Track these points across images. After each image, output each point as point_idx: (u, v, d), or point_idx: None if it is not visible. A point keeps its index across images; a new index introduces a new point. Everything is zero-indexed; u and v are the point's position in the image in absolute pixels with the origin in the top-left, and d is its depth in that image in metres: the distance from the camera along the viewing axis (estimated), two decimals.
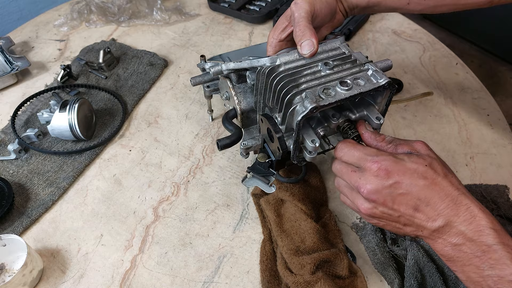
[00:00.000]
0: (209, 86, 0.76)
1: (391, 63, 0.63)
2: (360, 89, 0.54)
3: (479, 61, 2.54)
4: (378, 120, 0.59)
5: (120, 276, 0.73)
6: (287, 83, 0.58)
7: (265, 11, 1.31)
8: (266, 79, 0.61)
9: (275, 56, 0.63)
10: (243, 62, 0.65)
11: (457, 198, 0.44)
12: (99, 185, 0.87)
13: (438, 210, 0.45)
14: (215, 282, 0.72)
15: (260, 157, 0.68)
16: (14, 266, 0.73)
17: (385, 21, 1.33)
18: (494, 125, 0.99)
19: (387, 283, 0.71)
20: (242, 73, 0.69)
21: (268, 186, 0.67)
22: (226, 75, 0.70)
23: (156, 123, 1.00)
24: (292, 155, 0.60)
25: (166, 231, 0.79)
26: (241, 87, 0.70)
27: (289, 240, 0.73)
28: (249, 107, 0.70)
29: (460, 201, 0.44)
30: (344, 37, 0.65)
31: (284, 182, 0.79)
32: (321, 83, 0.56)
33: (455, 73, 1.14)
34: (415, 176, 0.46)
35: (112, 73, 1.12)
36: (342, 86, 0.54)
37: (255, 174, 0.67)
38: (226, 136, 0.68)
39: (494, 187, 0.81)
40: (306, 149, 0.59)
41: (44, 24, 1.32)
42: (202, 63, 0.70)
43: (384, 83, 0.55)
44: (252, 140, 0.71)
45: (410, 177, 0.46)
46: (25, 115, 0.99)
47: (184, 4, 1.40)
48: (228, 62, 0.67)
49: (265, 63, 0.63)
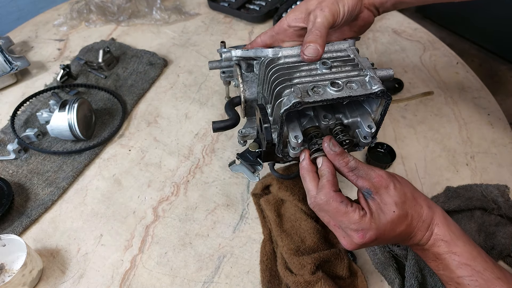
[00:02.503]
0: (225, 72, 0.77)
1: (393, 73, 0.62)
2: (350, 93, 0.54)
3: (480, 60, 2.54)
4: (370, 129, 0.58)
5: (120, 276, 0.73)
6: (281, 75, 0.58)
7: (265, 10, 1.31)
8: (265, 69, 0.62)
9: (279, 48, 0.63)
10: (249, 51, 0.66)
11: (428, 222, 0.53)
12: (98, 185, 0.87)
13: (415, 239, 0.54)
14: (215, 282, 0.72)
15: (252, 146, 0.68)
16: (14, 266, 0.73)
17: (385, 20, 1.33)
18: (494, 125, 0.99)
19: (387, 283, 0.71)
20: (251, 62, 0.70)
21: (253, 175, 0.68)
22: (237, 63, 0.70)
23: (156, 122, 1.00)
24: (277, 148, 0.60)
25: (166, 231, 0.79)
26: (249, 76, 0.71)
27: (289, 240, 0.73)
28: (252, 97, 0.70)
29: (430, 222, 0.53)
30: (354, 41, 0.64)
31: (278, 177, 0.78)
32: (314, 81, 0.56)
33: (456, 73, 1.14)
34: (394, 227, 0.52)
35: (111, 73, 1.12)
36: (332, 87, 0.54)
37: (243, 161, 0.68)
38: (222, 120, 0.69)
39: (494, 186, 0.81)
40: (290, 145, 0.59)
41: (43, 24, 1.32)
42: (221, 49, 0.71)
43: (377, 90, 0.53)
44: (250, 129, 0.72)
45: (390, 231, 0.52)
46: (25, 115, 0.99)
47: (184, 4, 1.40)
48: (237, 50, 0.68)
49: (268, 54, 0.63)
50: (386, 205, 0.52)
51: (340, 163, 0.55)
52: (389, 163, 0.89)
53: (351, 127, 0.60)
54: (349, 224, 0.51)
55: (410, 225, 0.53)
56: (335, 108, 0.61)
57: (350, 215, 0.51)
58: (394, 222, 0.51)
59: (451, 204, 0.79)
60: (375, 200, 0.52)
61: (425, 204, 0.54)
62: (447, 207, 0.79)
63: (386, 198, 0.52)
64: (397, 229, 0.52)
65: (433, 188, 0.86)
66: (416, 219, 0.53)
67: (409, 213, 0.52)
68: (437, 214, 0.54)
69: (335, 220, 0.53)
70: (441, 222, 0.53)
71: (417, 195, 0.54)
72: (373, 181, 0.53)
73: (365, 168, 0.54)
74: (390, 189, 0.52)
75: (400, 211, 0.52)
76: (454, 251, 0.52)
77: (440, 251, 0.52)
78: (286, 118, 0.55)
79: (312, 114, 0.60)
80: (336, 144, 0.55)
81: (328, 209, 0.52)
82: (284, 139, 0.59)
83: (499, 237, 0.75)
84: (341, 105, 0.61)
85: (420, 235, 0.53)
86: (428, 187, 0.86)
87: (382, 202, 0.52)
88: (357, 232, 0.51)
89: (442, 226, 0.53)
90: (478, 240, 0.75)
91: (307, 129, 0.59)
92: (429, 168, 0.90)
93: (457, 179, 0.88)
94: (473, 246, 0.52)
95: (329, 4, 0.62)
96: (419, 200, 0.54)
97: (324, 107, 0.60)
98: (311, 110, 0.60)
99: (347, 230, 0.52)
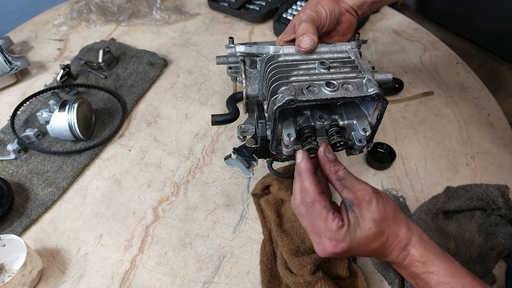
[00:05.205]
0: (231, 68, 0.77)
1: (391, 76, 0.61)
2: (345, 94, 0.53)
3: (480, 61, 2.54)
4: (364, 132, 0.58)
5: (120, 276, 0.73)
6: (279, 72, 0.58)
7: (265, 10, 1.31)
8: (264, 66, 0.62)
9: (280, 46, 0.64)
10: (252, 47, 0.66)
11: (405, 242, 0.54)
12: (98, 185, 0.87)
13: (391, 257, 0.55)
14: (215, 283, 0.72)
15: (249, 141, 0.68)
16: (14, 266, 0.73)
17: (385, 20, 1.33)
18: (494, 125, 0.99)
19: (387, 283, 0.71)
20: (255, 59, 0.70)
21: (247, 170, 0.68)
22: (242, 59, 0.71)
23: (156, 122, 1.00)
24: (271, 145, 0.60)
25: (165, 231, 0.79)
26: (252, 73, 0.71)
27: (289, 240, 0.73)
28: (254, 93, 0.71)
29: (407, 243, 0.54)
30: (356, 43, 0.65)
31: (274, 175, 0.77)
32: (310, 80, 0.56)
33: (456, 73, 1.14)
34: (367, 243, 0.53)
35: (111, 73, 1.12)
36: (327, 87, 0.54)
37: (238, 156, 0.68)
38: (221, 114, 0.69)
39: (494, 186, 0.81)
40: (283, 142, 0.59)
41: (43, 24, 1.32)
42: (228, 44, 0.71)
43: (372, 93, 0.53)
44: (250, 125, 0.72)
45: (363, 246, 0.53)
46: (25, 115, 0.99)
47: (184, 4, 1.40)
48: (241, 45, 0.69)
49: (269, 51, 0.64)
50: (364, 220, 0.52)
51: (330, 170, 0.55)
52: (389, 163, 0.89)
53: (347, 129, 0.60)
54: (325, 231, 0.52)
55: (385, 243, 0.53)
56: (332, 109, 0.61)
57: (328, 222, 0.52)
58: (369, 238, 0.52)
59: (451, 204, 0.79)
60: (354, 213, 0.53)
61: (404, 225, 0.54)
62: (447, 207, 0.79)
63: (366, 213, 0.53)
64: (370, 245, 0.53)
65: (433, 188, 0.86)
66: (392, 238, 0.54)
67: (386, 232, 0.53)
68: (415, 236, 0.54)
69: (313, 224, 0.54)
70: (418, 243, 0.54)
71: (397, 215, 0.55)
72: (357, 194, 0.54)
73: (353, 179, 0.55)
74: (372, 204, 0.53)
75: (376, 228, 0.52)
76: (432, 271, 0.53)
77: (418, 271, 0.53)
78: (282, 116, 0.55)
79: (308, 113, 0.60)
80: (331, 151, 0.57)
81: (311, 210, 0.53)
82: (278, 136, 0.59)
83: (499, 238, 0.75)
84: (338, 107, 0.61)
85: (395, 254, 0.54)
86: (428, 187, 0.86)
87: (361, 216, 0.53)
88: (331, 241, 0.52)
89: (419, 247, 0.53)
90: (478, 240, 0.75)
91: (302, 128, 0.59)
92: (429, 168, 0.90)
93: (457, 179, 0.88)
94: (452, 263, 0.53)
95: (310, 6, 0.66)
96: (399, 220, 0.55)
97: (321, 108, 0.60)
98: (308, 110, 0.60)
99: (322, 236, 0.53)
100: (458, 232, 0.77)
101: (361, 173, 0.89)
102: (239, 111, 0.72)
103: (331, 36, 0.73)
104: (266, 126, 0.59)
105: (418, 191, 0.86)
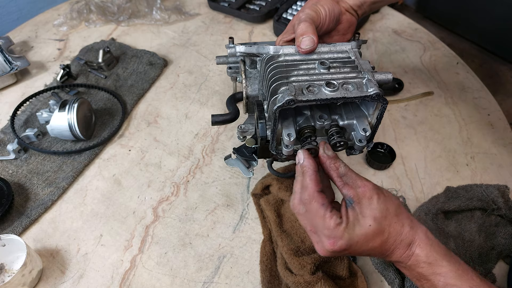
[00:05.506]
0: (231, 68, 0.77)
1: (391, 76, 0.61)
2: (345, 94, 0.53)
3: (480, 61, 2.54)
4: (364, 132, 0.58)
5: (120, 276, 0.73)
6: (279, 73, 0.58)
7: (265, 11, 1.31)
8: (264, 66, 0.62)
9: (280, 46, 0.64)
10: (252, 47, 0.66)
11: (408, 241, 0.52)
12: (98, 185, 0.87)
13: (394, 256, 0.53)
14: (215, 283, 0.72)
15: (249, 141, 0.68)
16: (14, 266, 0.73)
17: (385, 20, 1.33)
18: (494, 125, 0.99)
19: (387, 283, 0.71)
20: (255, 59, 0.70)
21: (247, 170, 0.69)
22: (242, 59, 0.71)
23: (156, 122, 1.00)
24: (271, 145, 0.60)
25: (165, 231, 0.79)
26: (252, 73, 0.71)
27: (289, 240, 0.73)
28: (254, 93, 0.71)
29: (411, 242, 0.52)
30: (357, 43, 0.64)
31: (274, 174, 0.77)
32: (310, 80, 0.56)
33: (456, 73, 1.14)
34: (367, 241, 0.52)
35: (111, 73, 1.12)
36: (327, 87, 0.54)
37: (238, 156, 0.68)
38: (221, 114, 0.69)
39: (494, 187, 0.81)
40: (283, 142, 0.59)
41: (43, 24, 1.32)
42: (228, 44, 0.71)
43: (372, 93, 0.53)
44: (250, 125, 0.72)
45: (362, 244, 0.52)
46: (25, 115, 0.99)
47: (184, 4, 1.40)
48: (241, 45, 0.68)
49: (269, 51, 0.64)
50: (364, 217, 0.51)
51: (331, 167, 0.55)
52: (389, 163, 0.89)
53: (347, 129, 0.60)
54: (323, 229, 0.51)
55: (385, 242, 0.52)
56: (332, 109, 0.61)
57: (326, 220, 0.51)
58: (368, 236, 0.51)
59: (451, 204, 0.79)
60: (354, 210, 0.52)
61: (407, 223, 0.53)
62: (447, 208, 0.79)
63: (366, 210, 0.52)
64: (369, 243, 0.52)
65: (433, 188, 0.86)
66: (393, 237, 0.52)
67: (387, 230, 0.52)
68: (419, 235, 0.53)
69: (312, 223, 0.53)
70: (424, 242, 0.52)
71: (400, 213, 0.53)
72: (358, 190, 0.53)
73: (354, 176, 0.54)
74: (373, 201, 0.52)
75: (376, 226, 0.51)
76: (438, 272, 0.51)
77: (424, 273, 0.52)
78: (282, 116, 0.55)
79: (308, 113, 0.60)
80: (330, 148, 0.56)
81: (309, 208, 0.53)
82: (278, 136, 0.59)
83: (499, 238, 0.75)
84: (338, 107, 0.60)
85: (398, 253, 0.53)
86: (428, 187, 0.86)
87: (361, 213, 0.52)
88: (329, 239, 0.51)
89: (424, 247, 0.52)
90: (478, 241, 0.75)
91: (302, 128, 0.59)
92: (429, 168, 0.90)
93: (457, 179, 0.88)
94: (458, 264, 0.52)
95: (309, 6, 0.66)
96: (402, 218, 0.53)
97: (321, 108, 0.60)
98: (308, 110, 0.60)
99: (320, 234, 0.52)
100: (458, 232, 0.77)
101: (361, 173, 0.88)
102: (239, 111, 0.72)
103: (331, 36, 0.73)
104: (266, 126, 0.59)
105: (418, 191, 0.86)
